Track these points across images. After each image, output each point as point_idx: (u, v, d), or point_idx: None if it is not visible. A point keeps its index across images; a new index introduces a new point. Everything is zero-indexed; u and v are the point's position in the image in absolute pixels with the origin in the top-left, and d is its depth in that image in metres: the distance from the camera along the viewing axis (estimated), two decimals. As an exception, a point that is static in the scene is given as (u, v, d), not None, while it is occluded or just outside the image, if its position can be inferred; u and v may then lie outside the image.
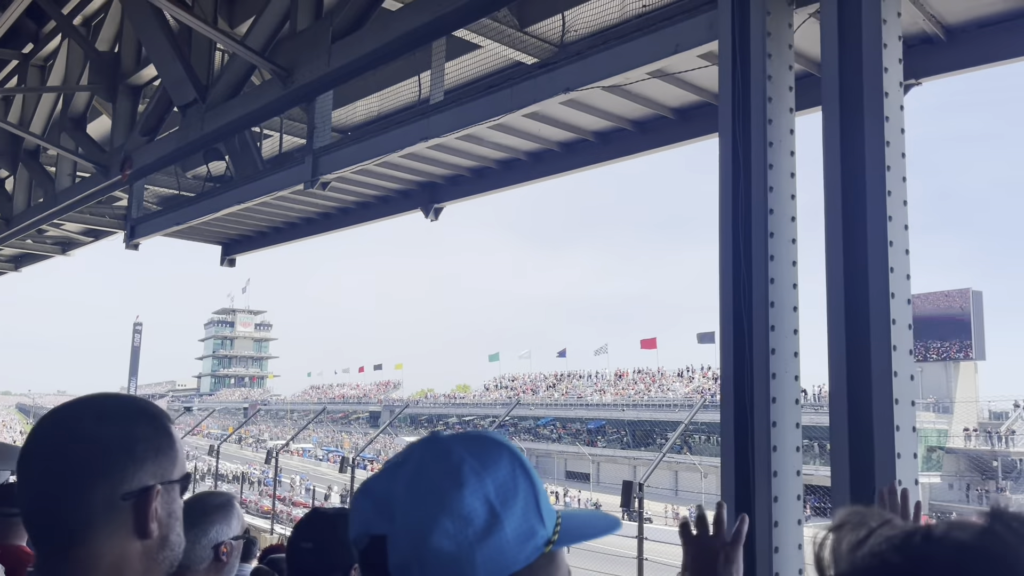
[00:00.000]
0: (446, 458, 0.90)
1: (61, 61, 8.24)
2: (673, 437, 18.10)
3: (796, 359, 3.25)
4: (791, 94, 3.42)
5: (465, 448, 0.91)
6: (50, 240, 13.83)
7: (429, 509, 0.86)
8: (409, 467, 0.91)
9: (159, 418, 1.15)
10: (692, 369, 68.14)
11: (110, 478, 1.06)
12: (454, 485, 0.87)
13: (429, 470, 0.89)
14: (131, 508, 1.07)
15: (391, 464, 0.94)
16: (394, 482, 0.90)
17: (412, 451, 0.94)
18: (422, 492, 0.87)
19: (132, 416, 1.12)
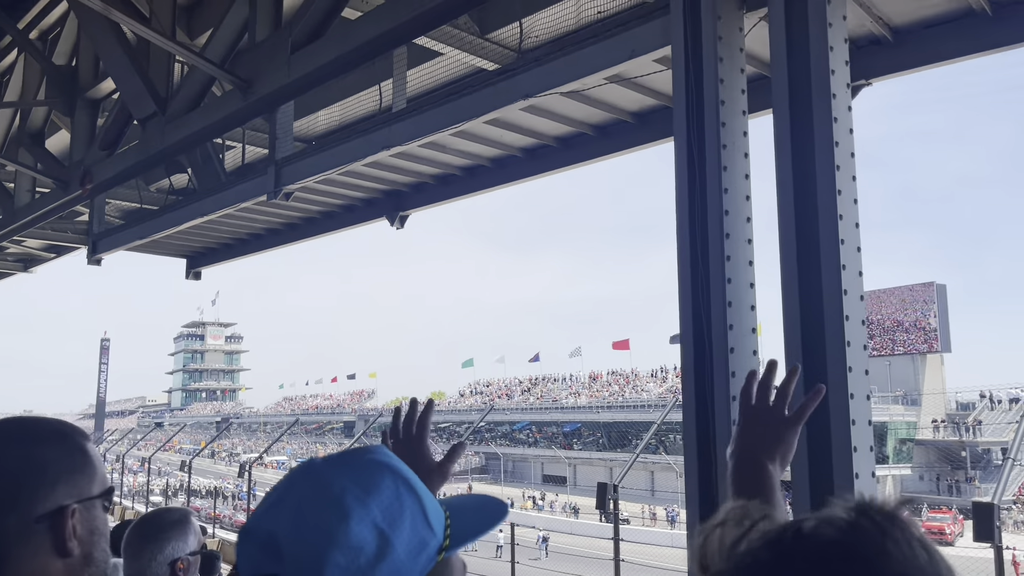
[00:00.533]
0: (327, 490, 0.87)
1: (18, 76, 8.12)
2: (646, 437, 18.22)
3: (755, 357, 3.31)
4: (743, 97, 3.48)
5: (346, 476, 0.89)
6: (11, 257, 13.61)
7: (318, 546, 0.84)
8: (290, 504, 0.87)
9: (70, 437, 1.15)
10: (665, 369, 68.60)
11: (20, 503, 1.06)
12: (340, 518, 0.85)
13: (312, 505, 0.86)
14: (47, 530, 1.07)
15: (271, 502, 0.90)
16: (277, 521, 0.87)
17: (291, 486, 0.90)
18: (308, 529, 0.85)
19: (39, 438, 1.11)
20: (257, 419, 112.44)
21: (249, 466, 25.57)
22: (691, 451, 3.22)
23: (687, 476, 3.23)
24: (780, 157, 3.14)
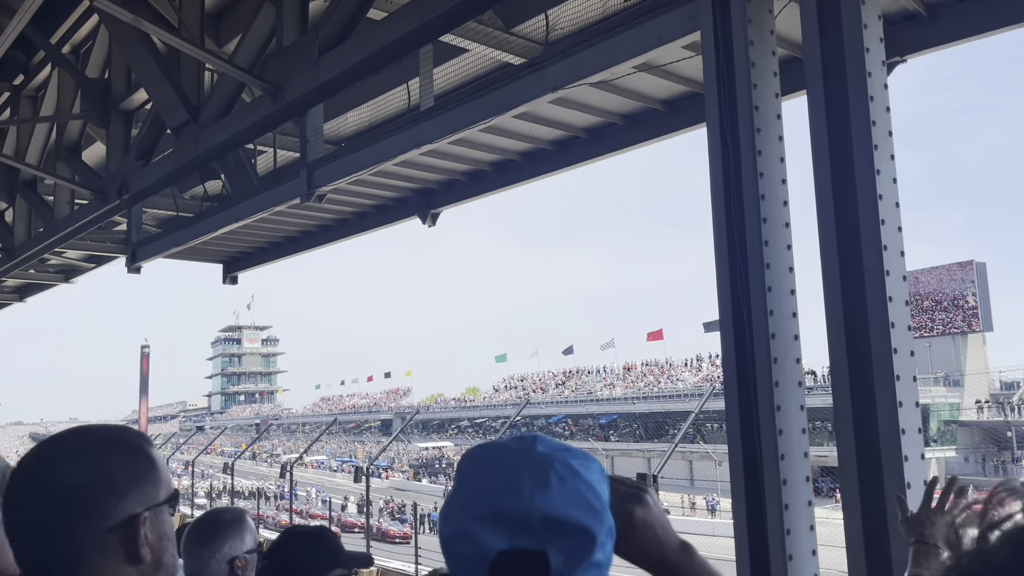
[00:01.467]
0: (579, 479, 0.96)
1: (52, 90, 8.28)
2: (684, 427, 18.14)
3: (796, 342, 3.28)
4: (776, 80, 3.44)
5: (589, 470, 0.99)
6: (52, 268, 13.89)
7: (589, 528, 0.93)
8: (555, 490, 0.94)
9: (135, 443, 1.16)
10: (700, 358, 68.13)
11: (92, 516, 1.08)
12: (602, 504, 0.96)
13: (578, 493, 0.95)
14: (119, 539, 1.09)
15: (518, 483, 0.94)
16: (534, 501, 0.93)
17: (543, 474, 0.95)
18: (575, 514, 0.93)
19: (106, 449, 1.13)
20: (295, 420, 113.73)
21: (290, 466, 25.88)
22: (735, 438, 3.20)
23: (731, 465, 3.21)
24: (816, 139, 3.10)
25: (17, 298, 15.65)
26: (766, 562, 3.05)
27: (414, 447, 76.84)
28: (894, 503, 2.75)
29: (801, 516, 3.10)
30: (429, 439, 79.96)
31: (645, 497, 1.06)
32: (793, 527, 3.06)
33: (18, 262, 10.31)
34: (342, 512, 41.04)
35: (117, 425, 1.23)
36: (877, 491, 2.78)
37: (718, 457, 47.19)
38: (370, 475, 22.29)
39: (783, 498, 3.07)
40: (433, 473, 67.55)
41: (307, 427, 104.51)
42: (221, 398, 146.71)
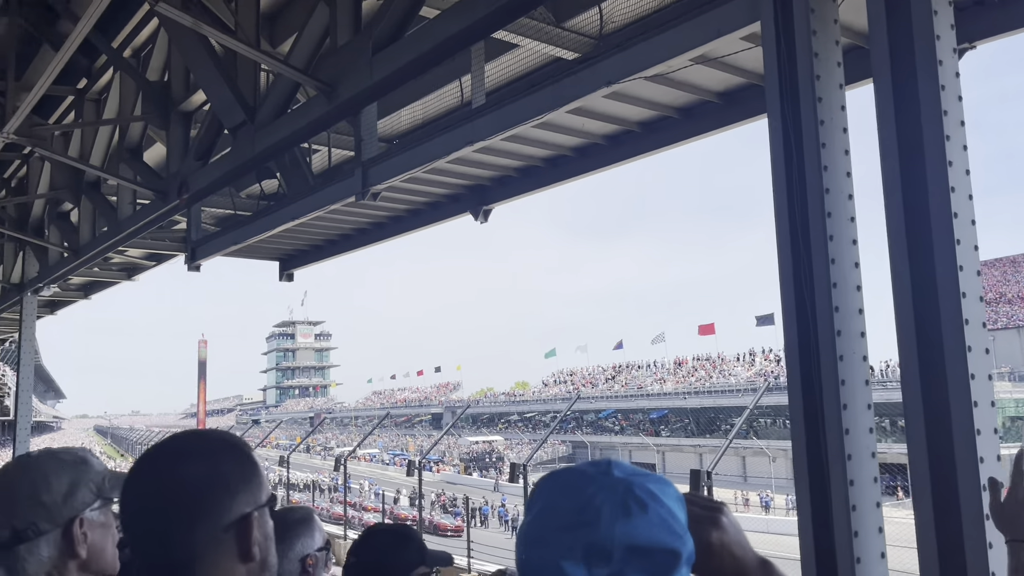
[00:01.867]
0: (660, 504, 0.96)
1: (115, 93, 8.50)
2: (739, 422, 17.86)
3: (863, 339, 3.19)
4: (840, 70, 3.34)
5: (667, 496, 0.98)
6: (115, 266, 14.30)
7: (673, 554, 0.93)
8: (637, 517, 0.94)
9: (242, 448, 1.21)
10: (753, 352, 67.17)
11: (210, 515, 1.13)
12: (683, 529, 0.96)
13: (659, 518, 0.95)
14: (232, 538, 1.14)
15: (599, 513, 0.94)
16: (616, 530, 0.93)
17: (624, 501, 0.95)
18: (659, 540, 0.93)
19: (219, 451, 1.18)
20: (348, 414, 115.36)
21: (344, 460, 26.25)
22: (799, 438, 3.13)
23: (796, 465, 3.14)
24: (884, 130, 3.00)
25: (82, 295, 16.15)
26: (833, 565, 2.98)
27: (464, 441, 77.30)
28: (969, 507, 2.66)
29: (869, 518, 3.02)
30: (479, 433, 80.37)
31: (721, 519, 1.05)
32: (861, 529, 2.99)
33: (83, 261, 10.63)
34: (394, 505, 41.51)
35: (221, 431, 1.27)
36: (952, 495, 2.69)
37: (772, 453, 46.51)
38: (422, 468, 22.48)
39: (850, 499, 2.99)
40: (483, 467, 67.85)
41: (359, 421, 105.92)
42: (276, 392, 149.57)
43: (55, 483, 1.61)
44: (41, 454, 1.68)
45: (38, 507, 1.58)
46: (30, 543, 1.56)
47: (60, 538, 1.59)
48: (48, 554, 1.58)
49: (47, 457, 1.66)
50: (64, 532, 1.60)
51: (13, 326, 15.64)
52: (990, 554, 2.62)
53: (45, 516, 1.58)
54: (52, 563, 1.59)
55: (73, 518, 1.60)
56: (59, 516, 1.60)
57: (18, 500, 1.58)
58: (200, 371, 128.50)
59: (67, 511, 1.60)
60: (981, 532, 2.63)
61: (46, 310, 16.32)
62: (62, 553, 1.59)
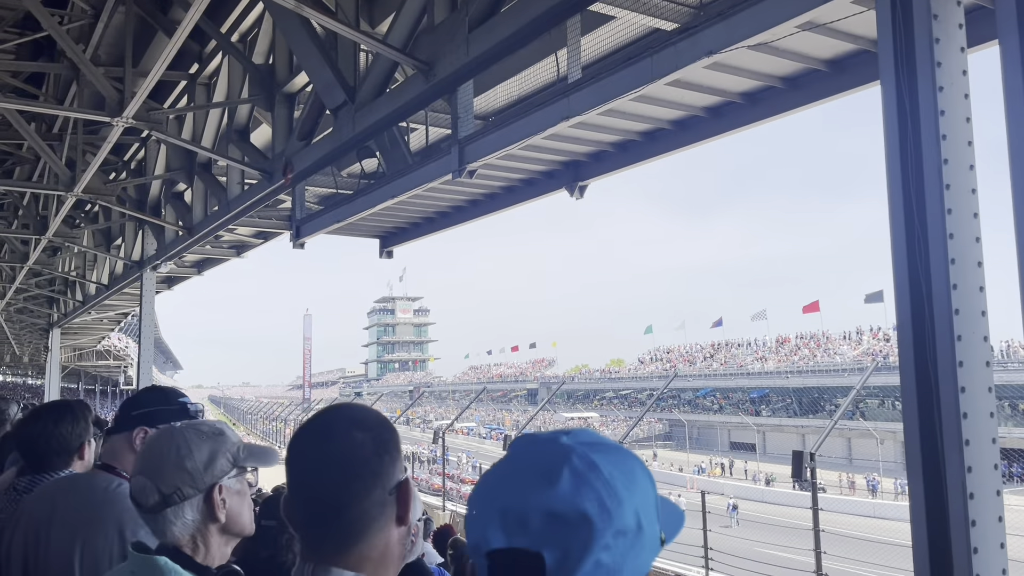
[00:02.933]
0: (596, 472, 0.90)
1: (223, 77, 8.82)
2: (845, 403, 17.27)
3: (984, 318, 3.01)
4: (962, 32, 3.13)
5: (610, 462, 0.92)
6: (226, 244, 14.95)
7: (586, 526, 0.87)
8: (564, 484, 0.89)
9: (387, 422, 1.30)
10: (860, 331, 64.67)
11: (381, 477, 1.21)
12: (615, 503, 0.89)
13: (588, 487, 0.89)
14: (396, 501, 1.23)
15: (511, 474, 0.93)
16: (539, 496, 0.89)
17: (557, 467, 0.91)
18: (574, 508, 0.88)
19: (379, 421, 1.27)
20: (446, 388, 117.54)
21: (443, 432, 26.80)
22: (912, 424, 2.98)
23: (908, 451, 3.00)
24: (1011, 96, 2.80)
25: (195, 272, 16.96)
26: (948, 555, 2.84)
27: (559, 416, 77.62)
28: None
29: (988, 506, 2.86)
30: (574, 409, 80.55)
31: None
32: (979, 518, 2.83)
33: (196, 239, 11.14)
34: (492, 478, 42.04)
35: (364, 406, 1.35)
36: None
37: (879, 435, 44.81)
38: (519, 443, 22.70)
39: (968, 487, 2.84)
40: (579, 443, 67.93)
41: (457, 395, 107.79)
42: (377, 366, 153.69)
43: (196, 452, 1.74)
44: (183, 426, 1.82)
45: (183, 473, 1.72)
46: (176, 507, 1.71)
47: (202, 503, 1.73)
48: (192, 517, 1.72)
49: (188, 429, 1.80)
50: (206, 497, 1.74)
51: (134, 301, 16.58)
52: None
53: (189, 482, 1.72)
54: (195, 526, 1.73)
55: (213, 484, 1.75)
56: (201, 483, 1.73)
57: (165, 467, 1.72)
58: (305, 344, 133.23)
59: (208, 478, 1.74)
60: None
61: (163, 285, 17.24)
62: (204, 517, 1.74)
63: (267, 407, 73.25)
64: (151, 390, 2.54)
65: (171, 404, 2.43)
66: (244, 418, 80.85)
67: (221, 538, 1.77)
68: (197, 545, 1.73)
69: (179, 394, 2.51)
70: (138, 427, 2.39)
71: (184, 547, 1.71)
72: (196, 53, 8.99)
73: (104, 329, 30.27)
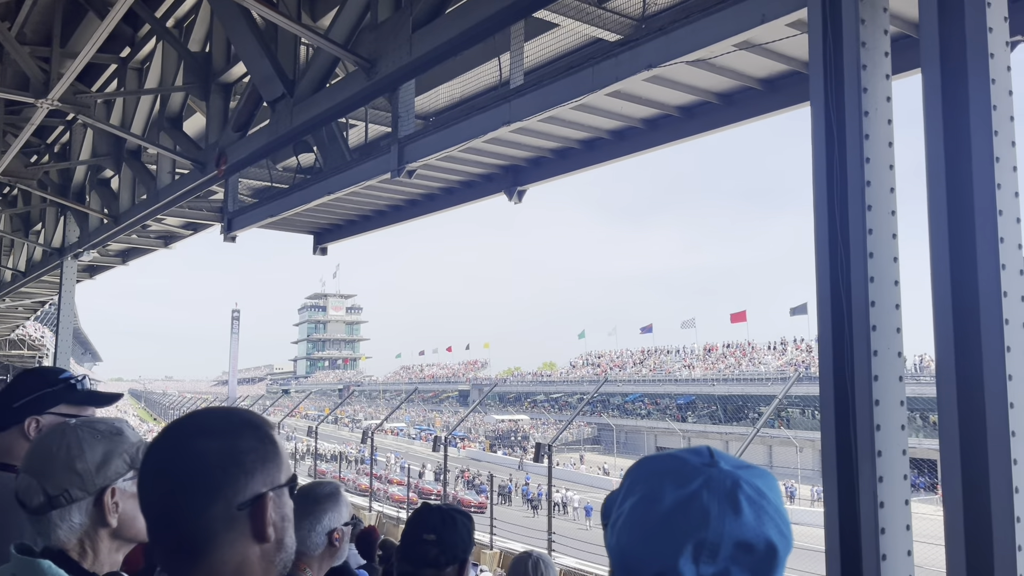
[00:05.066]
0: (768, 502, 0.95)
1: (156, 63, 8.59)
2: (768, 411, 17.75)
3: (899, 335, 3.14)
4: (887, 60, 3.27)
5: (772, 491, 0.97)
6: (153, 234, 14.53)
7: (777, 552, 0.93)
8: (747, 514, 0.93)
9: (262, 427, 1.22)
10: (784, 341, 66.54)
11: (224, 492, 1.14)
12: (788, 529, 0.95)
13: (766, 515, 0.93)
14: (247, 517, 1.15)
15: (717, 505, 0.94)
16: (726, 526, 0.92)
17: (734, 495, 0.94)
18: (767, 537, 0.93)
19: (237, 429, 1.19)
20: (377, 387, 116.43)
21: (371, 432, 26.56)
22: (829, 434, 3.10)
23: (824, 460, 3.12)
24: (930, 123, 2.94)
25: (120, 261, 16.44)
26: (858, 561, 2.96)
27: (490, 419, 77.72)
28: (1000, 509, 2.63)
29: (897, 515, 3.00)
30: (505, 412, 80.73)
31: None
32: (888, 526, 2.96)
33: (122, 228, 10.81)
34: (419, 479, 41.93)
35: (244, 409, 1.29)
36: (982, 496, 2.66)
37: (799, 443, 46.17)
38: (447, 444, 22.68)
39: (879, 496, 2.97)
40: (508, 445, 68.20)
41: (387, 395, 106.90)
42: (306, 363, 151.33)
43: (89, 453, 1.64)
44: (78, 424, 1.72)
45: (72, 475, 1.62)
46: (62, 509, 1.60)
47: (92, 506, 1.63)
48: (79, 521, 1.62)
49: (83, 427, 1.69)
50: (96, 500, 1.63)
51: (53, 289, 15.98)
52: (1019, 557, 2.59)
53: (78, 484, 1.62)
54: (83, 530, 1.63)
55: (105, 487, 1.64)
56: (91, 485, 1.63)
57: (53, 467, 1.62)
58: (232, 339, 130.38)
59: (100, 480, 1.64)
60: (1011, 535, 2.60)
61: (85, 275, 16.64)
62: (93, 521, 1.64)
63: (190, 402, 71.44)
64: (27, 374, 2.32)
65: (54, 384, 2.23)
66: (165, 413, 78.69)
67: (112, 543, 1.67)
68: (85, 550, 1.63)
69: (59, 371, 2.31)
70: (28, 417, 2.19)
71: (70, 551, 1.61)
72: (129, 36, 8.73)
73: (19, 317, 29.05)
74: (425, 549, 2.09)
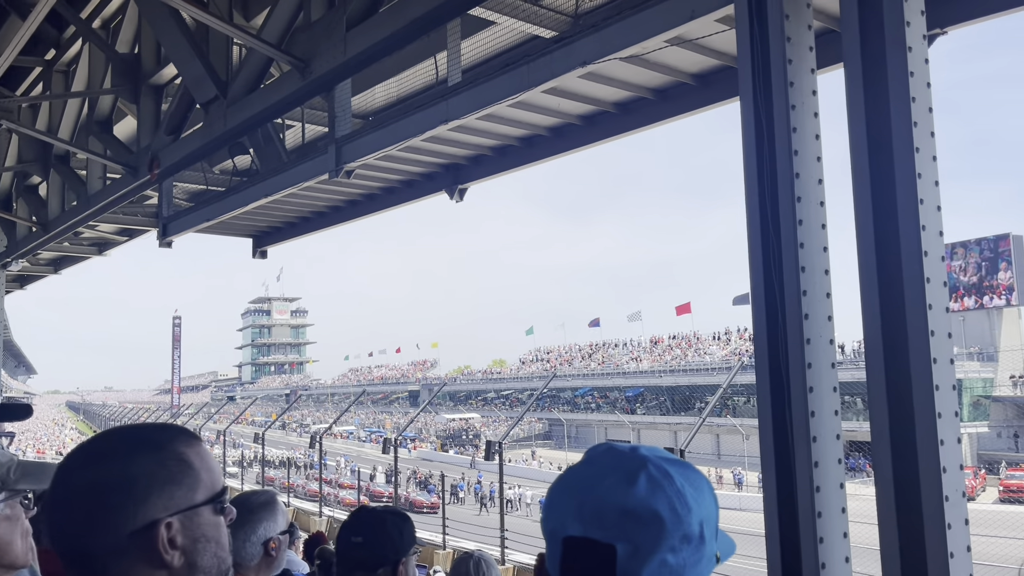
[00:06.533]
0: (671, 483, 0.98)
1: (83, 65, 8.34)
2: (713, 400, 18.03)
3: (830, 323, 3.22)
4: (812, 54, 3.35)
5: (684, 479, 1.00)
6: (86, 241, 14.11)
7: (664, 526, 0.95)
8: (641, 487, 0.97)
9: (167, 447, 1.13)
10: (728, 331, 67.72)
11: (109, 521, 1.07)
12: (685, 510, 0.96)
13: (662, 492, 0.97)
14: (140, 546, 1.08)
15: (609, 477, 0.99)
16: (617, 495, 0.96)
17: (635, 472, 0.98)
18: (648, 509, 0.95)
19: (130, 453, 1.11)
20: (325, 391, 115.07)
21: (320, 437, 26.25)
22: (766, 422, 3.17)
23: (762, 447, 3.18)
24: (853, 115, 3.02)
25: (52, 270, 15.92)
26: (796, 545, 3.03)
27: (441, 419, 77.48)
28: (929, 489, 2.72)
29: (832, 498, 3.07)
30: (456, 411, 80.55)
31: None
32: (824, 509, 3.04)
33: (52, 235, 10.47)
34: (371, 482, 41.58)
35: (158, 425, 1.20)
36: (912, 477, 2.74)
37: (745, 431, 47.09)
38: (398, 446, 22.53)
39: (814, 480, 3.04)
40: (460, 444, 68.10)
41: (336, 398, 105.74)
42: (251, 368, 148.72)
43: None
44: None
45: None
46: None
47: None
48: None
49: None
50: None
51: (-19, 301, 15.40)
52: (948, 535, 2.68)
53: None
54: None
55: None
56: None
57: None
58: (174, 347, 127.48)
59: None
60: (940, 513, 2.69)
61: (15, 285, 16.08)
62: None
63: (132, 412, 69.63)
64: None
65: None
66: (105, 424, 76.57)
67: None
68: None
69: None
70: None
71: None
72: (53, 38, 8.46)
73: (-53, 331, 27.95)
74: (354, 552, 2.07)
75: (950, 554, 2.67)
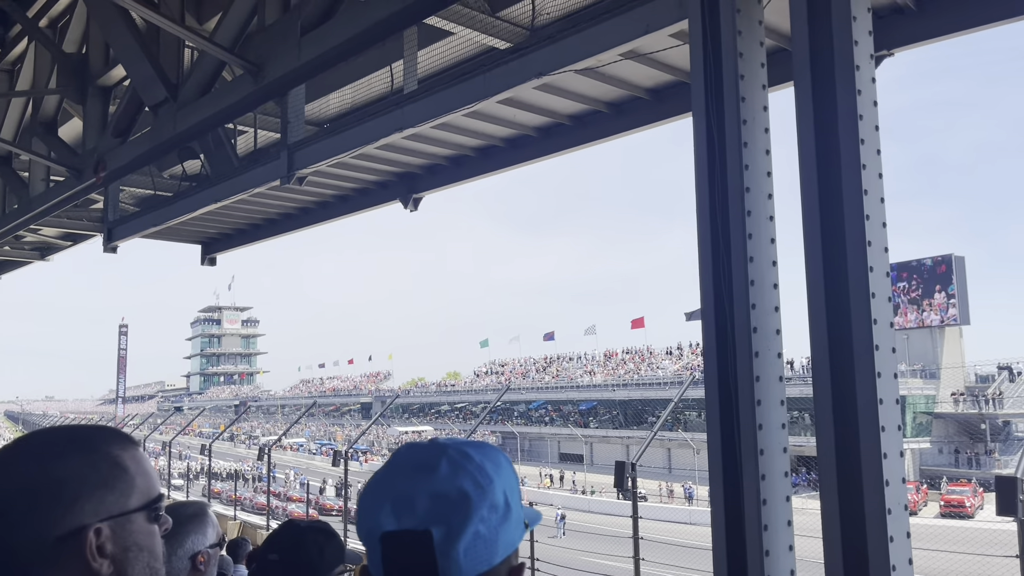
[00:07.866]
0: (470, 461, 1.05)
1: (28, 64, 8.11)
2: (664, 415, 18.15)
3: (778, 336, 3.25)
4: (763, 71, 3.40)
5: (483, 455, 1.07)
6: (28, 245, 13.69)
7: (471, 500, 1.01)
8: (443, 470, 1.03)
9: (102, 449, 1.08)
10: (680, 346, 68.44)
11: (33, 524, 1.02)
12: (487, 481, 1.03)
13: (463, 470, 1.03)
14: (67, 552, 1.02)
15: (413, 469, 1.04)
16: (423, 482, 1.02)
17: (436, 458, 1.05)
18: (459, 487, 1.02)
19: (61, 454, 1.06)
20: (275, 402, 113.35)
21: (268, 449, 25.78)
22: (714, 433, 3.17)
23: (711, 460, 3.19)
24: (802, 131, 3.06)
25: (-9, 275, 15.41)
26: (743, 557, 3.04)
27: (394, 431, 76.82)
28: (872, 502, 2.75)
29: (779, 511, 3.09)
30: (409, 423, 79.99)
31: None
32: (771, 523, 3.05)
33: (-8, 239, 10.14)
34: (320, 495, 40.99)
35: (92, 427, 1.13)
36: (856, 489, 2.77)
37: (696, 445, 47.52)
38: (349, 459, 22.24)
39: (761, 493, 3.05)
40: (412, 457, 67.49)
41: (286, 409, 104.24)
42: (200, 379, 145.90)
43: None
44: None
45: None
46: None
47: None
48: None
49: None
50: None
51: (-85, 306, 14.86)
52: (891, 547, 2.71)
53: None
54: None
55: None
56: None
57: None
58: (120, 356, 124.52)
59: None
60: (883, 526, 2.71)
61: (-48, 290, 15.54)
62: None
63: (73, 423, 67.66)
64: None
65: None
66: (47, 435, 74.26)
67: None
68: None
69: None
70: None
71: None
72: (-3, 36, 8.21)
73: None
74: (270, 570, 1.99)
75: (892, 567, 2.70)
